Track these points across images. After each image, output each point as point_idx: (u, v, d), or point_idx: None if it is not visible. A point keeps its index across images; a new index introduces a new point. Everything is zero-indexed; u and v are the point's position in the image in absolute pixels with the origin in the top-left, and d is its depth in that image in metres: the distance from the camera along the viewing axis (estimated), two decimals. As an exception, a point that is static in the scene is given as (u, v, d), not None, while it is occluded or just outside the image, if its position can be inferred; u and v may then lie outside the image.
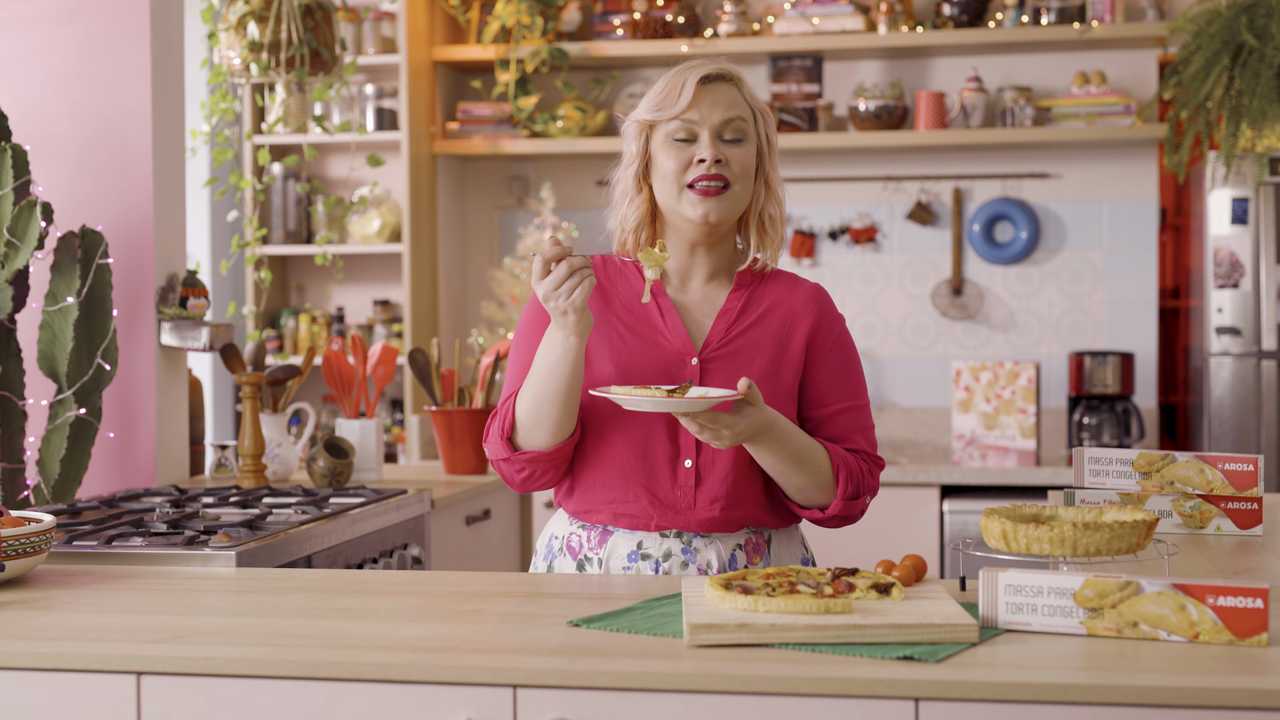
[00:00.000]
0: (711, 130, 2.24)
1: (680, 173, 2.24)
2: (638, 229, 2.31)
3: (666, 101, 2.25)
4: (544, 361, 2.19)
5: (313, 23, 3.95)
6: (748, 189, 2.27)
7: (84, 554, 2.47)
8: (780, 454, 2.20)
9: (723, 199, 2.24)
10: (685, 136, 2.24)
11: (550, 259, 2.11)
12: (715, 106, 2.24)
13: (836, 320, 2.35)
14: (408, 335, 5.16)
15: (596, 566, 2.30)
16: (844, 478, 2.26)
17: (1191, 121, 4.82)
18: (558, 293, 2.10)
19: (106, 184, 3.42)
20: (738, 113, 2.25)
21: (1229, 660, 1.65)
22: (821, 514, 2.28)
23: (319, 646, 1.81)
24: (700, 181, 2.23)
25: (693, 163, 2.23)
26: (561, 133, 5.32)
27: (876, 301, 5.38)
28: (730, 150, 2.24)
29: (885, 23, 5.11)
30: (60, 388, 3.17)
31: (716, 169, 2.22)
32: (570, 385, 2.18)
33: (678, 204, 2.25)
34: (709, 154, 2.22)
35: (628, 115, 2.33)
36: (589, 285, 2.10)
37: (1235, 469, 2.41)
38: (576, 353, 2.16)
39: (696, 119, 2.24)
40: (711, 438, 2.13)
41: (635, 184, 2.30)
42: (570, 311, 2.11)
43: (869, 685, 1.63)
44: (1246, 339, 4.78)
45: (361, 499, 3.07)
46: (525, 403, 2.22)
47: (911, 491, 4.64)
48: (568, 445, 2.24)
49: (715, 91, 2.25)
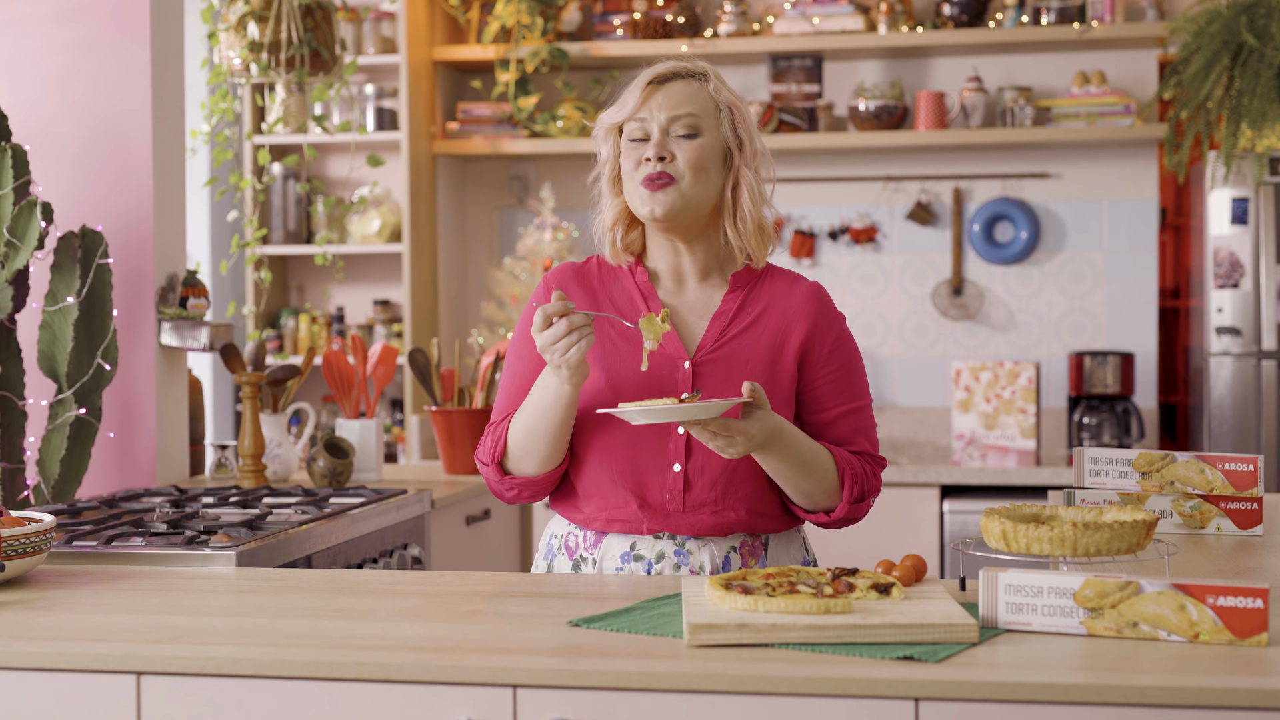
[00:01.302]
0: (660, 127, 2.25)
1: (634, 171, 2.26)
2: (613, 228, 2.34)
3: (623, 105, 2.29)
4: (538, 400, 2.22)
5: (313, 23, 3.95)
6: (702, 184, 2.26)
7: (84, 554, 2.47)
8: (789, 459, 2.19)
9: (668, 193, 2.24)
10: (640, 136, 2.27)
11: (552, 314, 2.12)
12: (664, 105, 2.26)
13: (836, 320, 2.33)
14: (408, 335, 5.16)
15: (591, 566, 2.30)
16: (849, 481, 2.26)
17: (1191, 121, 4.82)
18: (555, 348, 2.13)
19: (106, 184, 3.42)
20: (688, 109, 2.26)
21: (1229, 660, 1.65)
22: (827, 518, 2.28)
23: (319, 646, 1.81)
24: (647, 179, 2.24)
25: (642, 161, 2.25)
26: (561, 133, 5.32)
27: (876, 301, 5.38)
28: (679, 145, 2.25)
29: (885, 23, 5.11)
30: (60, 388, 3.17)
31: (660, 165, 2.24)
32: (562, 426, 2.22)
33: (634, 201, 2.28)
34: (653, 151, 2.24)
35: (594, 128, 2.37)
36: (586, 344, 2.12)
37: (1235, 469, 2.41)
38: (570, 399, 2.19)
39: (647, 118, 2.26)
40: (725, 445, 2.12)
41: (610, 187, 2.33)
42: (565, 367, 2.14)
43: (869, 685, 1.63)
44: (1246, 339, 4.78)
45: (361, 499, 3.07)
46: (517, 434, 2.26)
47: (911, 491, 4.64)
48: (557, 472, 2.29)
49: (668, 90, 2.27)
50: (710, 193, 2.28)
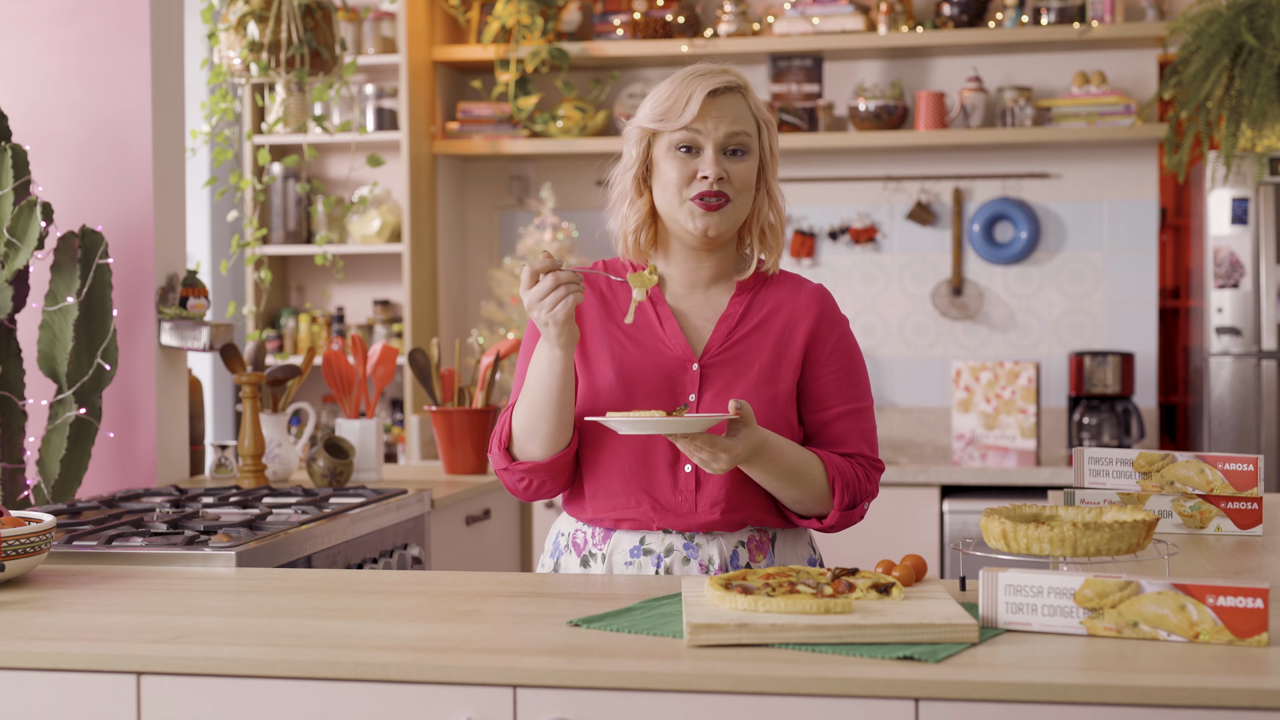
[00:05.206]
0: (715, 144, 2.23)
1: (683, 185, 2.24)
2: (637, 231, 2.32)
3: (672, 111, 2.24)
4: (533, 373, 2.22)
5: (313, 23, 3.95)
6: (747, 202, 2.28)
7: (84, 554, 2.47)
8: (774, 472, 2.21)
9: (723, 214, 2.24)
10: (689, 147, 2.24)
11: (539, 270, 2.12)
12: (721, 120, 2.23)
13: (839, 322, 2.34)
14: (408, 335, 5.16)
15: (600, 562, 2.31)
16: (840, 488, 2.26)
17: (1191, 121, 4.82)
18: (541, 304, 2.12)
19: (106, 184, 3.42)
20: (742, 127, 2.25)
21: (1229, 660, 1.65)
22: (820, 523, 2.30)
23: (319, 646, 1.81)
24: (702, 197, 2.23)
25: (695, 176, 2.23)
26: (561, 133, 5.32)
27: (876, 301, 5.38)
28: (732, 165, 2.24)
29: (885, 23, 5.11)
30: (60, 388, 3.17)
31: (719, 185, 2.23)
32: (560, 396, 2.20)
33: (678, 214, 2.25)
34: (712, 171, 2.22)
35: (630, 116, 2.34)
36: (573, 300, 2.11)
37: (1235, 469, 2.41)
38: (563, 364, 2.18)
39: (701, 131, 2.23)
40: (709, 459, 2.14)
41: (635, 187, 2.30)
42: (552, 324, 2.13)
43: (869, 685, 1.63)
44: (1246, 339, 4.78)
45: (361, 499, 3.07)
46: (520, 414, 2.25)
47: (911, 491, 4.64)
48: (564, 456, 2.26)
49: (722, 104, 2.24)
50: (749, 210, 2.29)
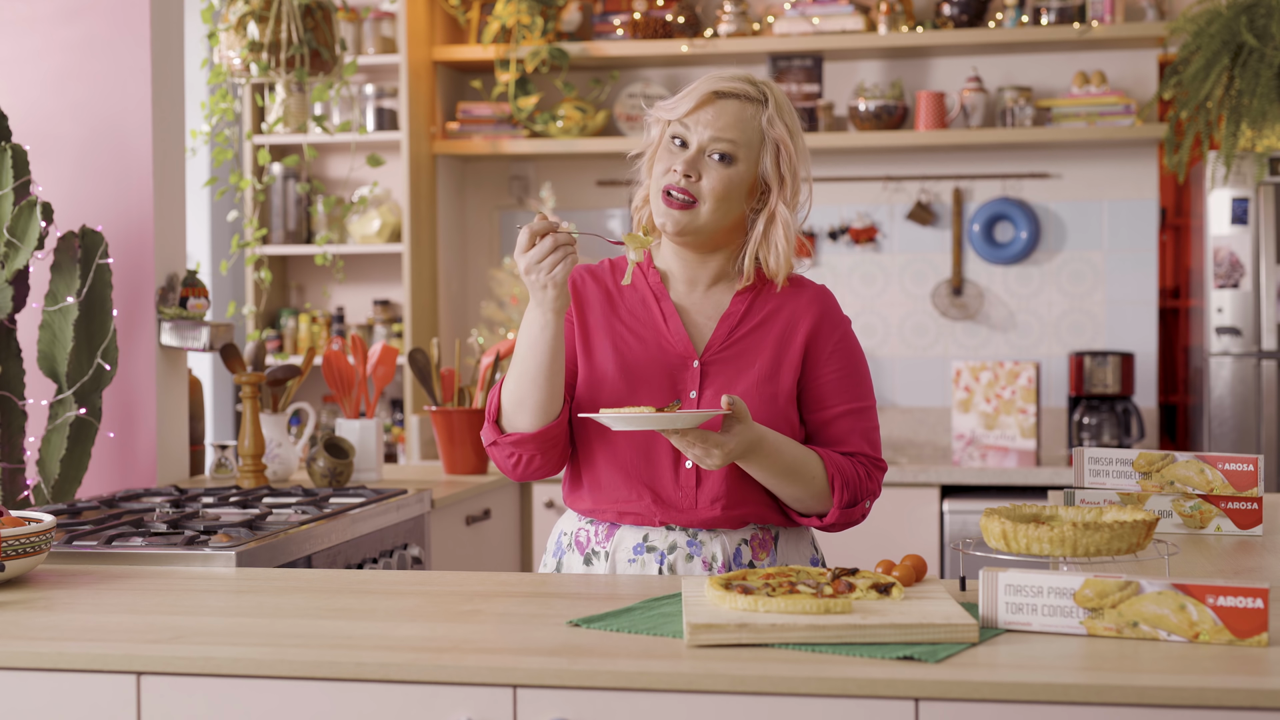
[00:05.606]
0: (699, 144, 2.23)
1: (661, 175, 2.25)
2: (641, 208, 2.34)
3: (678, 102, 2.26)
4: (523, 340, 2.21)
5: (313, 23, 3.95)
6: (721, 212, 2.23)
7: (84, 554, 2.47)
8: (772, 469, 2.21)
9: (685, 214, 2.23)
10: (682, 141, 2.25)
11: (537, 232, 2.12)
12: (713, 121, 2.22)
13: (840, 322, 2.34)
14: (408, 335, 5.16)
15: (604, 560, 2.31)
16: (839, 486, 2.26)
17: (1191, 121, 4.82)
18: (540, 266, 2.12)
19: (106, 184, 3.42)
20: (730, 134, 2.22)
21: (1229, 660, 1.65)
22: (820, 522, 2.29)
23: (319, 646, 1.81)
24: (667, 190, 2.23)
25: (670, 169, 2.24)
26: (561, 133, 5.32)
27: (876, 301, 5.38)
28: (711, 169, 2.22)
29: (885, 23, 5.11)
30: (60, 388, 3.17)
31: (685, 183, 2.22)
32: (550, 363, 2.19)
33: (654, 204, 2.27)
34: (681, 167, 2.22)
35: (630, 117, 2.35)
36: (571, 261, 2.13)
37: (1235, 469, 2.41)
38: (555, 329, 2.17)
39: (691, 127, 2.23)
40: (702, 455, 2.13)
41: (646, 169, 2.32)
42: (550, 286, 2.13)
43: (869, 685, 1.63)
44: (1246, 339, 4.78)
45: (361, 499, 3.07)
46: (509, 384, 2.24)
47: (911, 491, 4.64)
48: (553, 429, 2.24)
49: (722, 107, 2.23)
50: (729, 220, 2.26)
